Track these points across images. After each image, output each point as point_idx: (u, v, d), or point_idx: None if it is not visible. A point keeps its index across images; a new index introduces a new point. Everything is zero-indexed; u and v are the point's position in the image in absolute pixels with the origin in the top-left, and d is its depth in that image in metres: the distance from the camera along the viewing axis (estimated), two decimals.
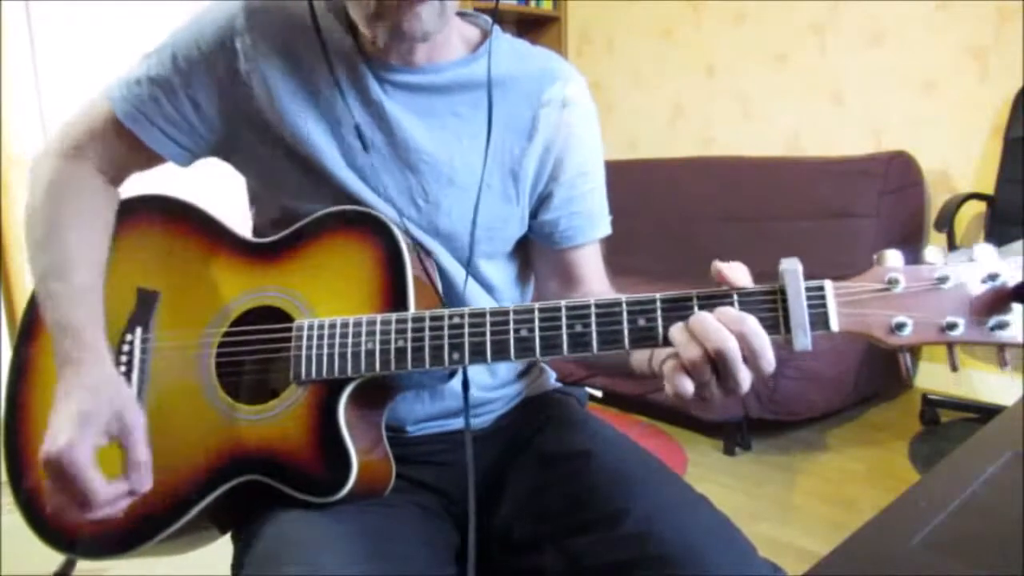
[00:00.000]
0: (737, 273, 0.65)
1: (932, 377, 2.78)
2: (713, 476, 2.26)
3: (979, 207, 2.64)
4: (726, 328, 0.62)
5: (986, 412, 2.41)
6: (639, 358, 0.80)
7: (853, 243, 2.65)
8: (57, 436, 0.72)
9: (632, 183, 3.22)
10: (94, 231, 0.86)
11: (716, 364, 0.63)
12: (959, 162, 2.74)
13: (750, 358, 0.63)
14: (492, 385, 0.94)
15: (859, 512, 1.98)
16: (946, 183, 2.77)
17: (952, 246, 2.51)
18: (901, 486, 0.72)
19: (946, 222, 2.45)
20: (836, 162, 2.81)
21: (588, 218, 0.93)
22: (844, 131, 2.97)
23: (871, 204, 2.65)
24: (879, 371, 2.55)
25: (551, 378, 1.03)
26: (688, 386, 0.64)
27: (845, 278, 0.64)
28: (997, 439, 0.83)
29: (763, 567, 0.74)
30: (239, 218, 0.91)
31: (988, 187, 2.58)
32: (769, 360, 0.63)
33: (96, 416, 0.73)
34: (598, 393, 2.64)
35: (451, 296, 0.87)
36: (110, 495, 0.73)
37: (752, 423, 2.40)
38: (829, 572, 0.60)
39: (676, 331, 0.65)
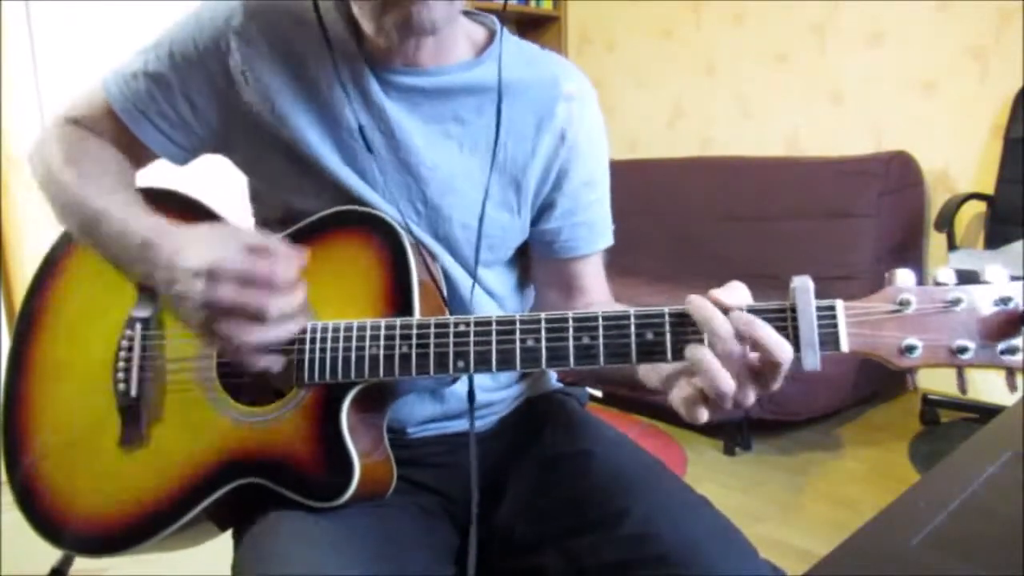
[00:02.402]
0: (733, 295, 0.64)
1: (932, 377, 2.78)
2: (713, 476, 2.26)
3: (979, 207, 2.63)
4: (739, 339, 0.62)
5: (986, 412, 2.41)
6: (645, 369, 0.78)
7: (853, 243, 2.65)
8: (200, 259, 0.67)
9: (632, 183, 3.21)
10: (122, 176, 0.85)
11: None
12: (959, 162, 2.74)
13: (765, 368, 0.63)
14: (494, 387, 0.93)
15: (859, 512, 1.98)
16: (946, 183, 2.77)
17: (952, 246, 2.51)
18: (901, 486, 0.72)
19: (946, 222, 2.45)
20: (836, 162, 2.81)
21: (590, 229, 0.91)
22: (844, 131, 2.97)
23: (871, 204, 2.65)
24: (879, 372, 2.53)
25: (552, 379, 1.03)
26: (704, 415, 0.64)
27: (845, 280, 0.64)
28: (997, 439, 0.83)
29: (764, 568, 0.74)
30: (240, 216, 0.91)
31: (988, 187, 2.58)
32: (782, 367, 0.62)
33: (222, 236, 0.70)
34: (598, 393, 2.64)
35: (453, 302, 0.85)
36: (281, 273, 0.68)
37: (752, 423, 2.40)
38: (829, 572, 0.60)
39: (705, 363, 0.62)
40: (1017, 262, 0.65)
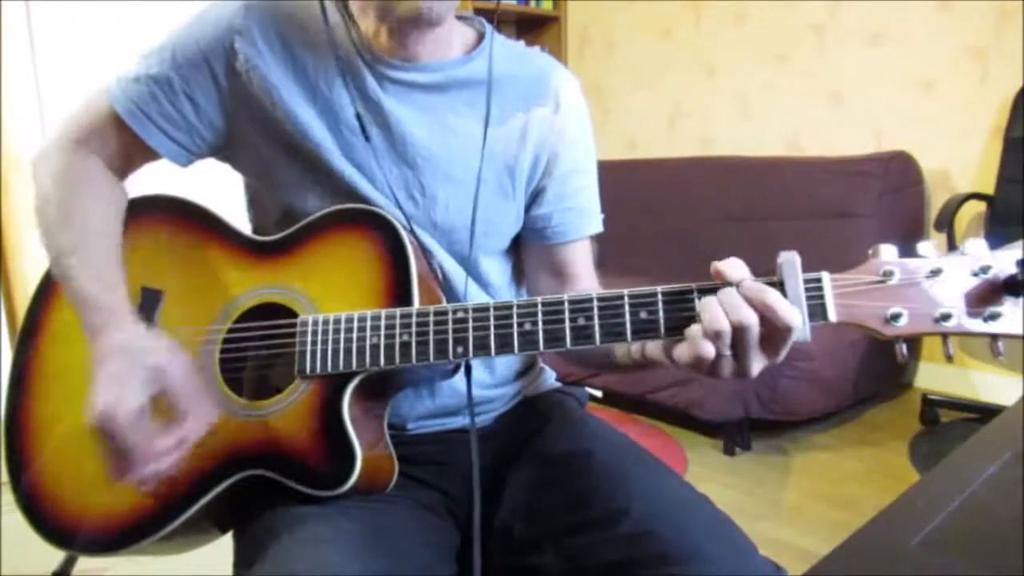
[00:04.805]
0: (735, 269, 0.66)
1: (932, 377, 2.78)
2: (713, 476, 2.26)
3: (979, 207, 2.64)
4: (750, 305, 0.63)
5: (986, 412, 2.41)
6: (624, 350, 0.81)
7: (853, 243, 2.65)
8: (96, 402, 0.73)
9: (632, 183, 3.21)
10: (108, 213, 0.87)
11: (736, 338, 0.63)
12: (959, 162, 2.74)
13: (772, 334, 0.63)
14: (491, 383, 0.94)
15: (859, 512, 1.98)
16: (946, 183, 2.77)
17: (952, 246, 2.51)
18: (901, 486, 0.72)
19: (946, 222, 2.45)
20: (836, 162, 2.81)
21: (580, 214, 0.95)
22: (844, 131, 2.97)
23: (871, 204, 2.65)
24: (879, 371, 2.55)
25: (551, 378, 1.04)
26: (709, 349, 0.64)
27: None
28: (997, 439, 0.83)
29: (763, 566, 0.74)
30: (239, 219, 0.91)
31: (988, 187, 2.58)
32: (790, 331, 0.63)
33: (131, 374, 0.74)
34: (598, 393, 2.64)
35: (449, 294, 0.87)
36: (160, 447, 0.74)
37: (752, 423, 2.40)
38: (829, 572, 0.60)
39: (706, 302, 0.65)
40: (1007, 255, 0.67)
